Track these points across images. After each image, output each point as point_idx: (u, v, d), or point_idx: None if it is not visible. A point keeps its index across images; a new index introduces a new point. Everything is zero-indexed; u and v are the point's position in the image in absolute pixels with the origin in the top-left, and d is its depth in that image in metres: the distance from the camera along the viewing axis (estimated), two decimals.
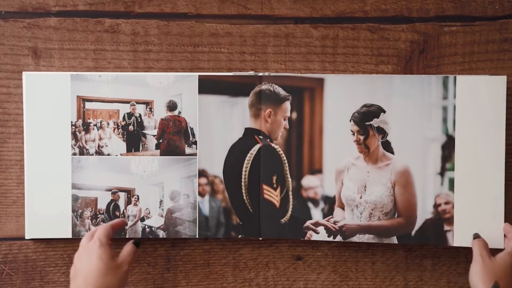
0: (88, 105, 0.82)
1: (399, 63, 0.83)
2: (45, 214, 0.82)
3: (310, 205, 0.82)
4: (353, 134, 0.81)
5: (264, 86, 0.81)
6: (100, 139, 0.82)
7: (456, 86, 0.80)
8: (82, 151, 0.82)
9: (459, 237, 0.81)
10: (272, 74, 0.81)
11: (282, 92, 0.81)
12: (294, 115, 0.82)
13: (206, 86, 0.82)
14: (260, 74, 0.82)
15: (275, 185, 0.81)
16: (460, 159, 0.80)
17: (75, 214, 0.82)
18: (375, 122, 0.81)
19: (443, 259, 0.84)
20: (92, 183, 0.82)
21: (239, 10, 0.83)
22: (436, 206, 0.81)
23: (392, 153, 0.81)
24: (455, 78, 0.80)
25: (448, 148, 0.81)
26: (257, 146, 0.82)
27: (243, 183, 0.82)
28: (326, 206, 0.82)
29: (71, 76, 0.81)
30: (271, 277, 0.85)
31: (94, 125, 0.82)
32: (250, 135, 0.82)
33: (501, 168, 0.80)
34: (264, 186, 0.82)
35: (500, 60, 0.82)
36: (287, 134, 0.82)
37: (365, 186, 0.82)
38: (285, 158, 0.82)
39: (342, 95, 0.81)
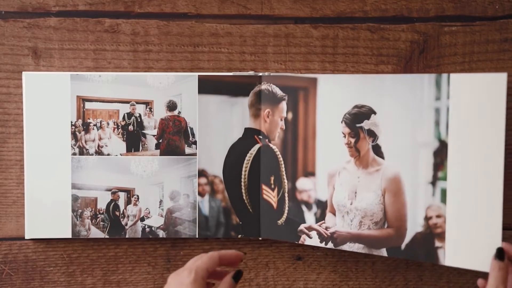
0: (88, 105, 0.82)
1: (399, 63, 0.83)
2: (45, 214, 0.82)
3: (304, 208, 0.80)
4: (344, 137, 0.77)
5: (263, 86, 0.81)
6: (100, 139, 0.82)
7: (449, 86, 0.70)
8: (82, 151, 0.82)
9: (451, 255, 0.71)
10: (272, 74, 0.81)
11: (279, 92, 0.81)
12: (290, 116, 0.80)
13: (206, 86, 0.82)
14: (260, 74, 0.82)
15: (272, 186, 0.81)
16: (453, 168, 0.70)
17: (75, 214, 0.82)
18: (365, 124, 0.75)
19: None
20: (92, 183, 0.82)
21: (239, 10, 0.83)
22: (427, 219, 0.73)
23: (383, 157, 0.75)
24: (448, 76, 0.71)
25: (440, 155, 0.72)
26: (256, 146, 0.82)
27: (243, 183, 0.82)
28: (319, 211, 0.80)
29: (71, 76, 0.81)
30: (271, 277, 0.85)
31: (94, 125, 0.82)
32: (250, 135, 0.82)
33: (499, 179, 0.68)
34: (263, 187, 0.82)
35: (500, 60, 0.82)
36: (283, 135, 0.81)
37: (356, 192, 0.77)
38: (281, 159, 0.81)
39: (335, 95, 0.78)
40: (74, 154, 0.82)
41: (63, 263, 0.85)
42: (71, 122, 0.82)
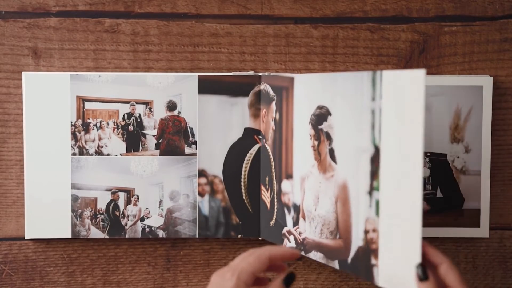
0: (88, 105, 0.82)
1: (399, 63, 0.83)
2: (45, 214, 0.82)
3: (286, 211, 0.79)
4: (311, 139, 0.72)
5: (262, 86, 0.81)
6: (100, 139, 0.82)
7: (382, 85, 0.62)
8: (82, 151, 0.82)
9: (383, 275, 0.62)
10: (272, 74, 0.81)
11: (271, 92, 0.80)
12: (277, 116, 0.79)
13: (206, 86, 0.82)
14: (260, 74, 0.82)
15: (267, 186, 0.81)
16: (385, 177, 0.62)
17: (75, 214, 0.82)
18: (324, 126, 0.70)
19: None
20: (92, 183, 0.82)
21: (239, 10, 0.83)
22: (365, 232, 0.65)
23: (336, 162, 0.69)
24: (381, 74, 0.62)
25: (376, 162, 0.63)
26: (256, 146, 0.82)
27: (242, 183, 0.82)
28: (295, 215, 0.77)
29: (70, 76, 0.81)
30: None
31: (94, 125, 0.82)
32: (249, 135, 0.82)
33: (417, 190, 0.58)
34: (262, 187, 0.82)
35: (500, 60, 0.82)
36: (273, 135, 0.80)
37: (318, 198, 0.71)
38: (273, 160, 0.80)
39: (306, 95, 0.74)
40: (74, 154, 0.82)
41: (63, 263, 0.85)
42: (71, 122, 0.82)
